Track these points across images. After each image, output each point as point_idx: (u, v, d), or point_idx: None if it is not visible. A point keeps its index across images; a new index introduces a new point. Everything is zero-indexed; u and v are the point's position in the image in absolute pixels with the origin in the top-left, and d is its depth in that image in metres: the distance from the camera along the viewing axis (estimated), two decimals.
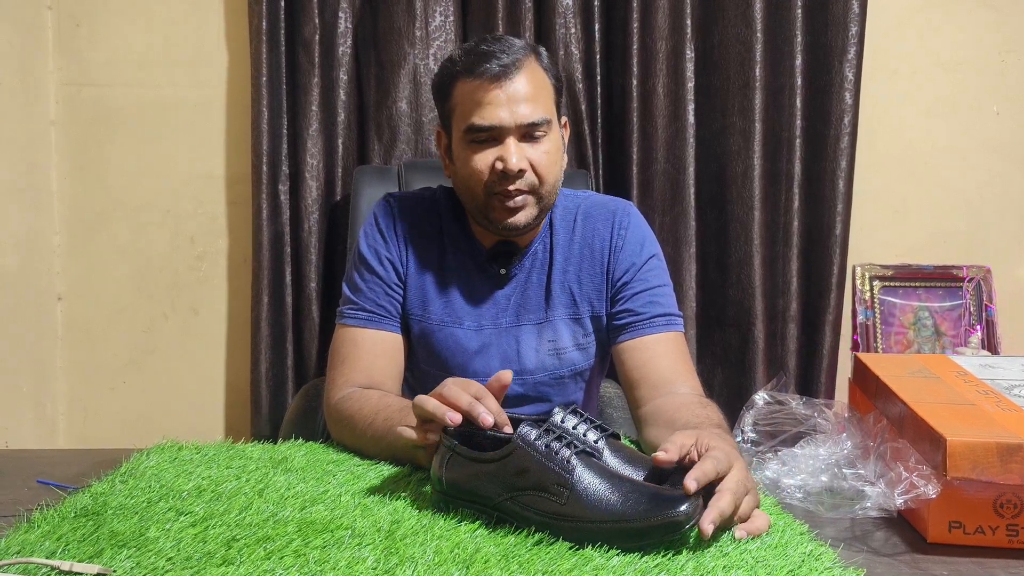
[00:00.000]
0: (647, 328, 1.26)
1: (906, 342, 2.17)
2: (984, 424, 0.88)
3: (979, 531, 0.85)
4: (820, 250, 2.06)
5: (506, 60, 1.18)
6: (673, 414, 1.10)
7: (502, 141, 1.19)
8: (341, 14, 2.02)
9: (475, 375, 1.28)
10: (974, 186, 2.19)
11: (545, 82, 1.23)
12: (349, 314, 1.28)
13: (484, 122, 1.18)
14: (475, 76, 1.18)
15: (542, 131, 1.20)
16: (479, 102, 1.18)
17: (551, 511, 0.81)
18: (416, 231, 1.31)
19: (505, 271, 1.29)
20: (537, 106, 1.20)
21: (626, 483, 0.81)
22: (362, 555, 0.76)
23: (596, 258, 1.30)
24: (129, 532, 0.81)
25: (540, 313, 1.30)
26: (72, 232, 2.14)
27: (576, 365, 1.31)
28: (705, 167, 2.08)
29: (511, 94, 1.18)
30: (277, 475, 0.99)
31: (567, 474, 0.81)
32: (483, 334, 1.29)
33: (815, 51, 2.05)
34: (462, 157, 1.22)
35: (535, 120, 1.19)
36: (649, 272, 1.30)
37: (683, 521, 0.77)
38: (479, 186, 1.21)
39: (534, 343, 1.29)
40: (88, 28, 2.10)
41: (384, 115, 2.02)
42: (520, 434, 0.85)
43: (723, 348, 2.09)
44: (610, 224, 1.32)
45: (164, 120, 2.12)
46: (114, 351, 2.17)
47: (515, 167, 1.18)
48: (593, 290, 1.30)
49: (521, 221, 1.22)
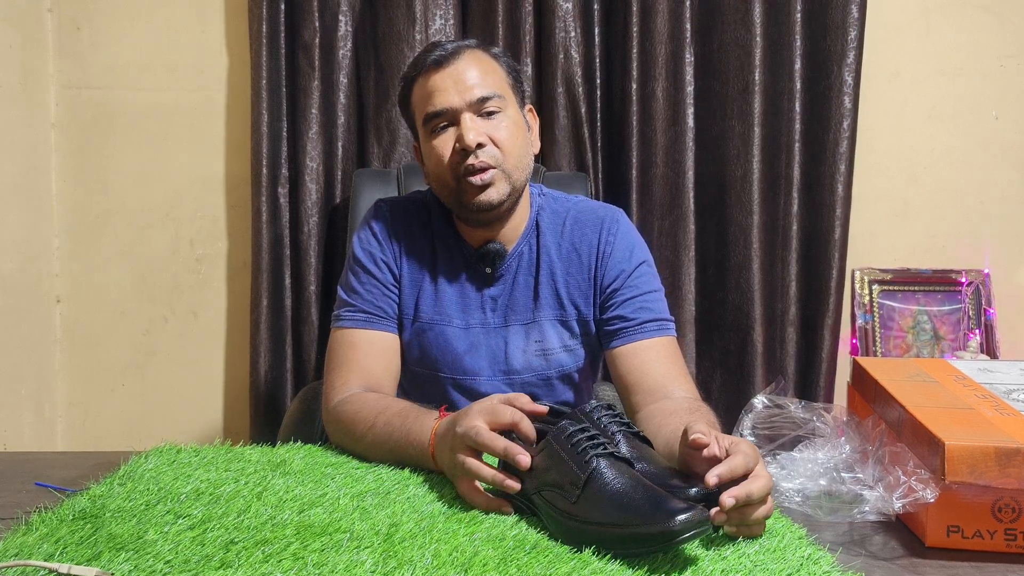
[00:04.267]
0: (638, 334, 1.26)
1: (905, 346, 2.17)
2: (982, 428, 0.88)
3: (977, 535, 0.85)
4: (819, 254, 2.07)
5: (448, 48, 1.24)
6: (665, 419, 1.10)
7: (458, 122, 1.22)
8: (341, 17, 2.02)
9: (464, 374, 1.30)
10: (973, 190, 2.19)
11: (493, 65, 1.26)
12: (346, 316, 1.28)
13: (435, 107, 1.22)
14: (421, 72, 1.24)
15: (495, 105, 1.23)
16: (428, 92, 1.23)
17: (563, 508, 0.83)
18: (408, 234, 1.32)
19: (491, 270, 1.30)
20: (484, 82, 1.23)
21: (640, 488, 0.80)
22: (360, 558, 0.76)
23: (583, 263, 1.31)
24: (127, 535, 0.81)
25: (528, 314, 1.31)
26: (72, 235, 2.14)
27: (564, 367, 1.32)
28: (704, 171, 2.08)
29: (455, 76, 1.22)
30: (276, 478, 0.99)
31: (583, 474, 0.82)
32: (471, 333, 1.30)
33: (814, 55, 2.05)
34: (427, 151, 1.26)
35: (484, 95, 1.22)
36: (639, 278, 1.30)
37: (678, 531, 0.75)
38: (447, 172, 1.23)
39: (522, 344, 1.30)
40: (88, 31, 2.10)
41: (384, 118, 2.03)
42: (553, 432, 0.87)
43: (722, 352, 2.09)
44: (598, 230, 1.32)
45: (164, 123, 2.12)
46: (113, 354, 2.17)
47: (472, 141, 1.20)
48: (580, 295, 1.30)
49: (493, 197, 1.23)
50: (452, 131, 1.22)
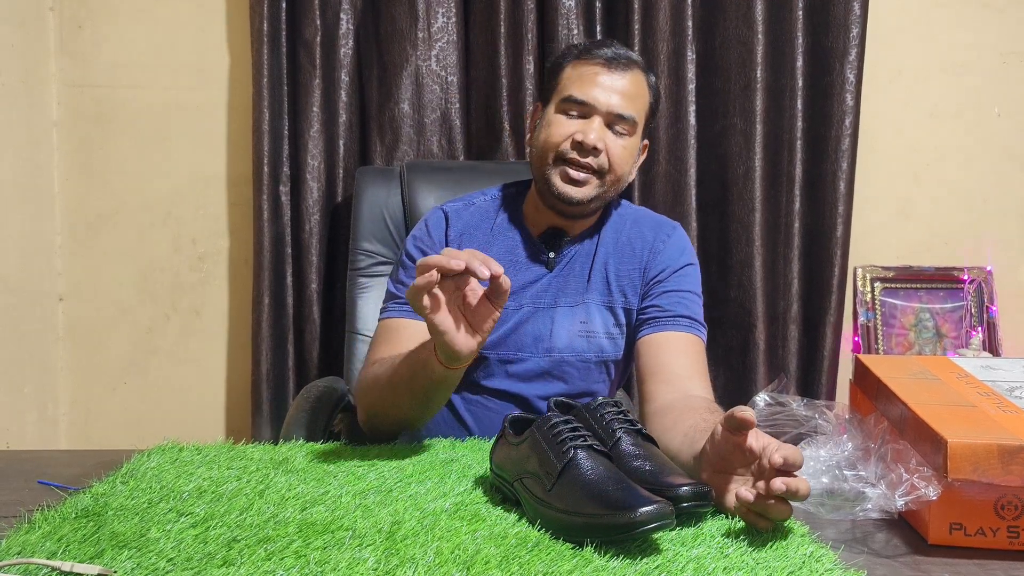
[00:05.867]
0: (670, 324, 1.29)
1: (907, 344, 2.17)
2: (985, 426, 0.88)
3: (980, 533, 0.85)
4: (821, 252, 2.06)
5: (620, 53, 1.31)
6: (684, 413, 1.10)
7: (588, 119, 1.28)
8: (343, 15, 2.02)
9: (508, 350, 1.33)
10: (975, 188, 2.19)
11: (645, 93, 1.33)
12: (392, 308, 1.32)
13: (581, 95, 1.28)
14: (590, 57, 1.30)
15: (626, 128, 1.30)
16: (583, 79, 1.29)
17: (539, 496, 0.85)
18: (466, 234, 1.37)
19: (554, 255, 1.35)
20: (630, 104, 1.30)
21: (612, 481, 0.82)
22: (362, 556, 0.76)
23: (636, 255, 1.36)
24: (130, 533, 0.81)
25: (577, 296, 1.34)
26: (74, 233, 2.14)
27: (604, 352, 1.34)
28: (706, 168, 2.08)
29: (612, 83, 1.29)
30: (278, 476, 0.99)
31: (559, 463, 0.85)
32: (522, 312, 1.34)
33: (816, 53, 2.05)
34: (548, 121, 1.31)
35: (623, 113, 1.29)
36: (683, 277, 1.35)
37: (640, 523, 0.77)
38: (552, 149, 1.29)
39: (567, 323, 1.33)
40: (90, 30, 2.10)
41: (386, 116, 2.02)
42: (538, 422, 0.90)
43: (724, 349, 2.09)
44: (655, 231, 1.39)
45: (166, 121, 2.13)
46: (115, 352, 2.17)
47: (592, 142, 1.26)
48: (629, 284, 1.35)
49: (577, 195, 1.29)
50: (579, 122, 1.29)
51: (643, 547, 0.79)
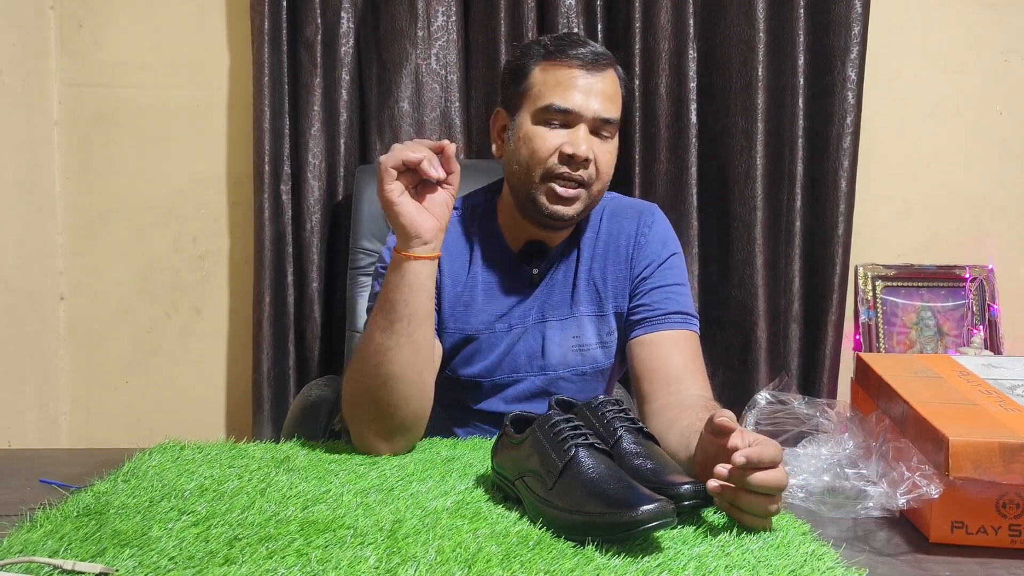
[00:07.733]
0: (662, 324, 1.26)
1: (908, 342, 2.17)
2: (986, 424, 0.88)
3: (981, 531, 0.85)
4: (822, 250, 2.06)
5: (599, 51, 1.22)
6: (681, 412, 1.10)
7: (572, 127, 1.20)
8: (343, 14, 2.02)
9: (502, 373, 1.30)
10: (976, 186, 2.19)
11: (619, 91, 1.26)
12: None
13: (563, 104, 1.20)
14: (566, 58, 1.20)
15: (609, 132, 1.23)
16: (561, 84, 1.20)
17: (540, 494, 0.85)
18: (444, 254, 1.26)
19: (537, 271, 1.30)
20: (612, 106, 1.23)
21: (613, 480, 0.82)
22: (364, 554, 0.76)
23: (621, 254, 1.31)
24: (131, 531, 0.81)
25: (565, 309, 1.30)
26: (75, 232, 2.14)
27: (598, 363, 1.32)
28: (707, 167, 2.07)
29: (595, 86, 1.21)
30: (279, 474, 0.99)
31: (560, 462, 0.85)
32: (512, 334, 1.30)
33: (818, 51, 2.04)
34: (528, 135, 1.22)
35: (609, 117, 1.22)
36: (669, 270, 1.31)
37: (640, 521, 0.77)
38: (539, 166, 1.21)
39: (558, 339, 1.30)
40: (91, 29, 2.10)
41: (386, 115, 2.02)
42: (539, 420, 0.90)
43: (725, 348, 2.09)
44: (636, 222, 1.33)
45: (166, 120, 2.12)
46: (117, 351, 2.17)
47: (584, 154, 1.19)
48: (618, 287, 1.31)
49: (568, 213, 1.23)
50: (564, 132, 1.20)
51: (644, 546, 0.79)
